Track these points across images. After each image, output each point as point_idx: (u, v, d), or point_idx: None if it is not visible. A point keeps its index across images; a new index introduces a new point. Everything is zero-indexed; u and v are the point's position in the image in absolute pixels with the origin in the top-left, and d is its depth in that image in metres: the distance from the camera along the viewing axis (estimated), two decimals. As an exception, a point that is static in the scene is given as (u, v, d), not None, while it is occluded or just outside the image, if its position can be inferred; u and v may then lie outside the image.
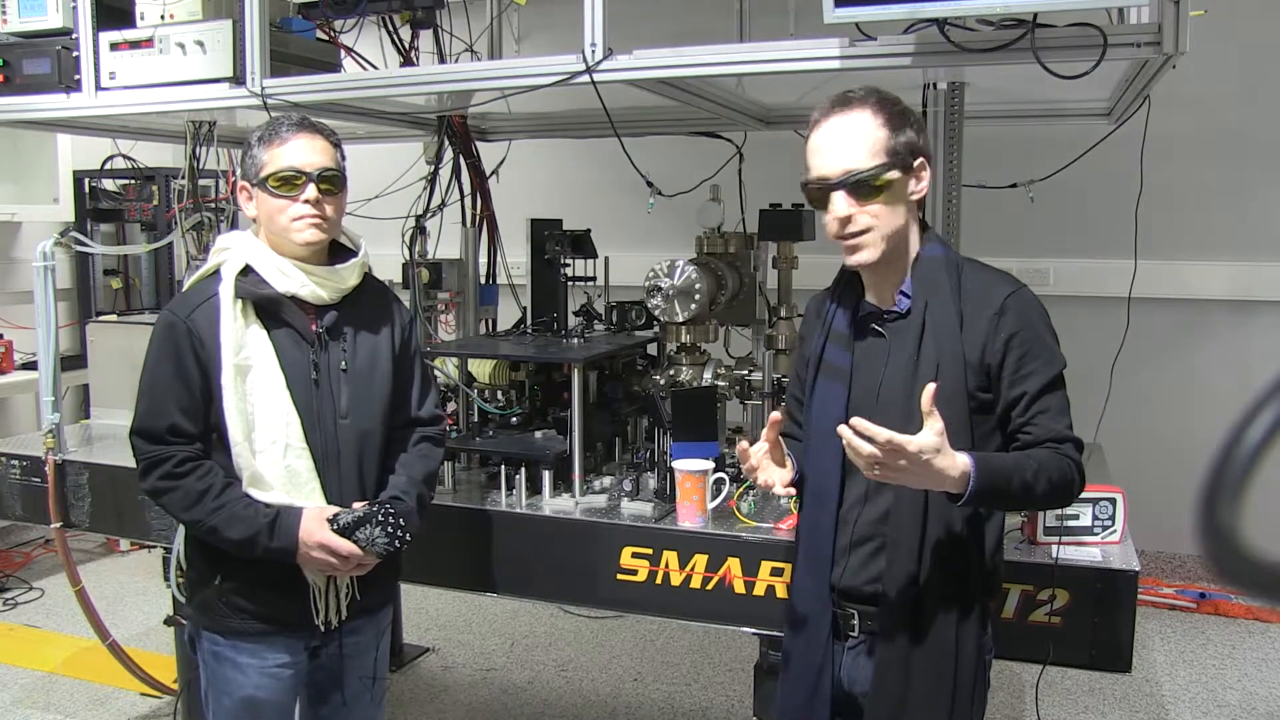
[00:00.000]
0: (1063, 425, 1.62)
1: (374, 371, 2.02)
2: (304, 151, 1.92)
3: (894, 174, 1.60)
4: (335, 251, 2.03)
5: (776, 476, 1.68)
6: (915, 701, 1.64)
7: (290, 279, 1.93)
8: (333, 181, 1.96)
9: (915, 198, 1.67)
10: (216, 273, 1.95)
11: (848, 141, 1.60)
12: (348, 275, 2.00)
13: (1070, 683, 3.51)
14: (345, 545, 1.89)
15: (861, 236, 1.62)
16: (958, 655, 1.63)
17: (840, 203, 1.61)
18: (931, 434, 1.45)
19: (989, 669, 1.74)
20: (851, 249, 1.64)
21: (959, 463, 1.49)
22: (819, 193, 1.63)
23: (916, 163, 1.64)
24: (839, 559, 1.73)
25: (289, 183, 1.91)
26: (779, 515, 2.24)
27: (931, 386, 1.48)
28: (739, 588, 2.14)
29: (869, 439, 1.45)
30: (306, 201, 1.91)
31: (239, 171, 1.98)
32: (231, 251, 1.96)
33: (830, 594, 1.74)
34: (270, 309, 1.93)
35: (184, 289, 2.05)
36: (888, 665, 1.67)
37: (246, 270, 1.93)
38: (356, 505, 1.95)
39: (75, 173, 4.96)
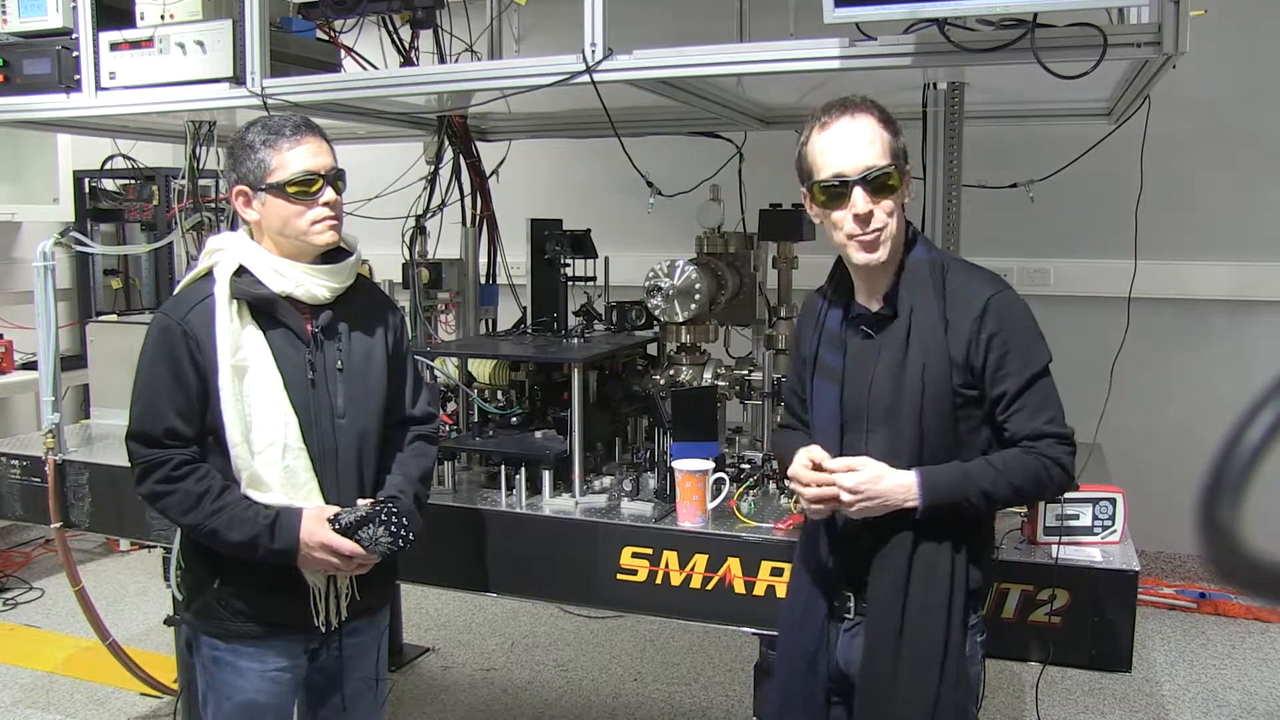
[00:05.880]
0: (1039, 422, 1.68)
1: (369, 370, 2.01)
2: (316, 154, 1.92)
3: (899, 175, 1.69)
4: (329, 250, 2.00)
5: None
6: (903, 686, 1.69)
7: (286, 279, 1.92)
8: (341, 180, 1.96)
9: (905, 201, 1.75)
10: (209, 274, 1.93)
11: (862, 141, 1.67)
12: (347, 272, 2.00)
13: (1070, 683, 3.51)
14: (347, 545, 1.87)
15: (879, 233, 1.68)
16: (947, 643, 1.68)
17: (860, 198, 1.66)
18: (870, 467, 1.67)
19: (981, 658, 1.81)
20: (870, 246, 1.69)
21: (906, 482, 1.66)
22: (837, 189, 1.67)
23: (908, 168, 1.73)
24: (837, 547, 1.80)
25: (307, 187, 1.90)
26: (779, 515, 2.24)
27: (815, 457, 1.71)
28: (739, 588, 2.14)
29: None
30: (326, 204, 1.91)
31: (232, 175, 1.94)
32: (224, 253, 1.93)
33: (828, 579, 1.81)
34: (265, 309, 1.92)
35: (175, 291, 2.03)
36: (876, 650, 1.72)
37: (240, 271, 1.91)
38: (360, 503, 1.94)
39: (75, 173, 4.95)
